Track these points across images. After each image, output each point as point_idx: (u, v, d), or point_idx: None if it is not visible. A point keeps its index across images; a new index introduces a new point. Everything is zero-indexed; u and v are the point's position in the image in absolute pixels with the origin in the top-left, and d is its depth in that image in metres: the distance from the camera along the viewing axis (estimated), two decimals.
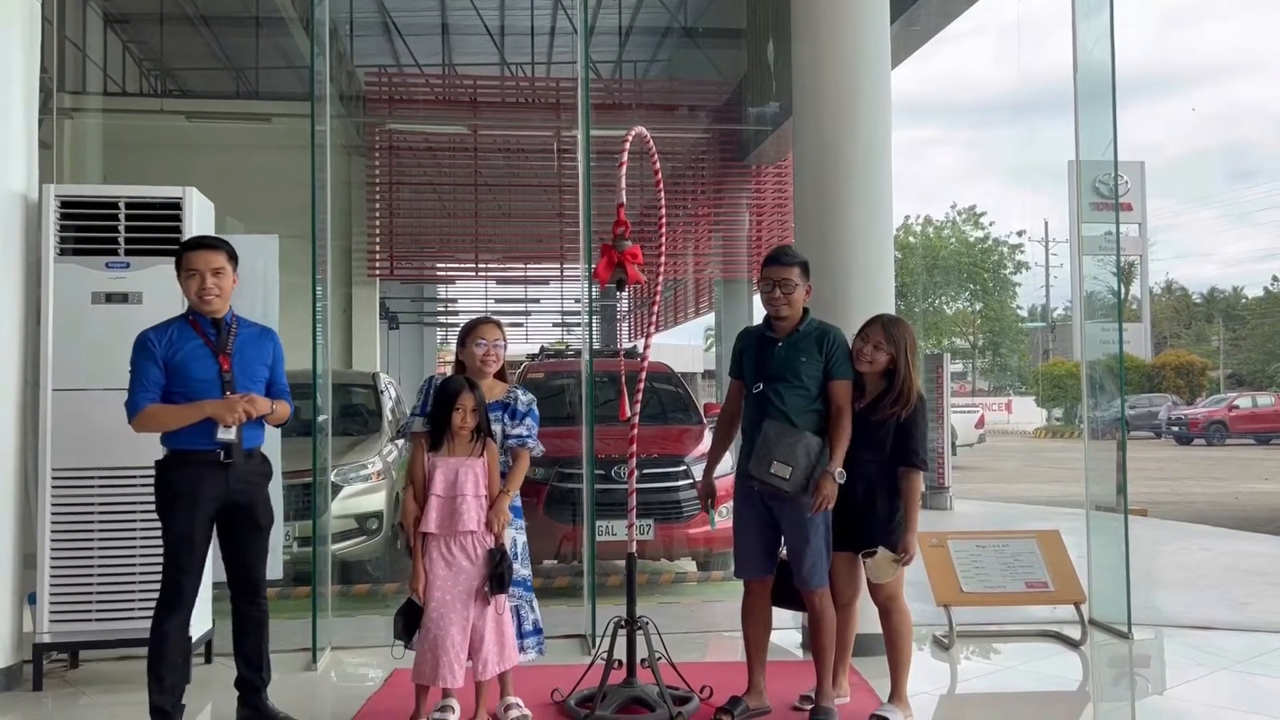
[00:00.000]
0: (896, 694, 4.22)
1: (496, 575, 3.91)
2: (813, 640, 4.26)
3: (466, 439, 3.98)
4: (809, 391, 4.15)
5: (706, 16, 15.86)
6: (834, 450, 4.10)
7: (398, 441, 7.62)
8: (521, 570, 4.17)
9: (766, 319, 4.34)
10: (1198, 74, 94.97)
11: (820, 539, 4.12)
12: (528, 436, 4.18)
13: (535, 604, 4.27)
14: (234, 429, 3.89)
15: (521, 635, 4.14)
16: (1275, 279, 51.92)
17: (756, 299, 4.62)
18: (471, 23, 15.85)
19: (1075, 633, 5.53)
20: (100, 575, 4.76)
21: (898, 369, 4.13)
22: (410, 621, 3.93)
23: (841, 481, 4.05)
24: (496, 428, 4.12)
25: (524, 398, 4.25)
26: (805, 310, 4.30)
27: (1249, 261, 70.99)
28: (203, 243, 4.04)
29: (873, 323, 4.24)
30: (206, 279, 3.92)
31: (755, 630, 4.33)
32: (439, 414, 3.97)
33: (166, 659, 3.90)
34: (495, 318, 4.39)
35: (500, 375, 4.29)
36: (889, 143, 5.45)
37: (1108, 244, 6.25)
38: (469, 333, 4.22)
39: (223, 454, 3.90)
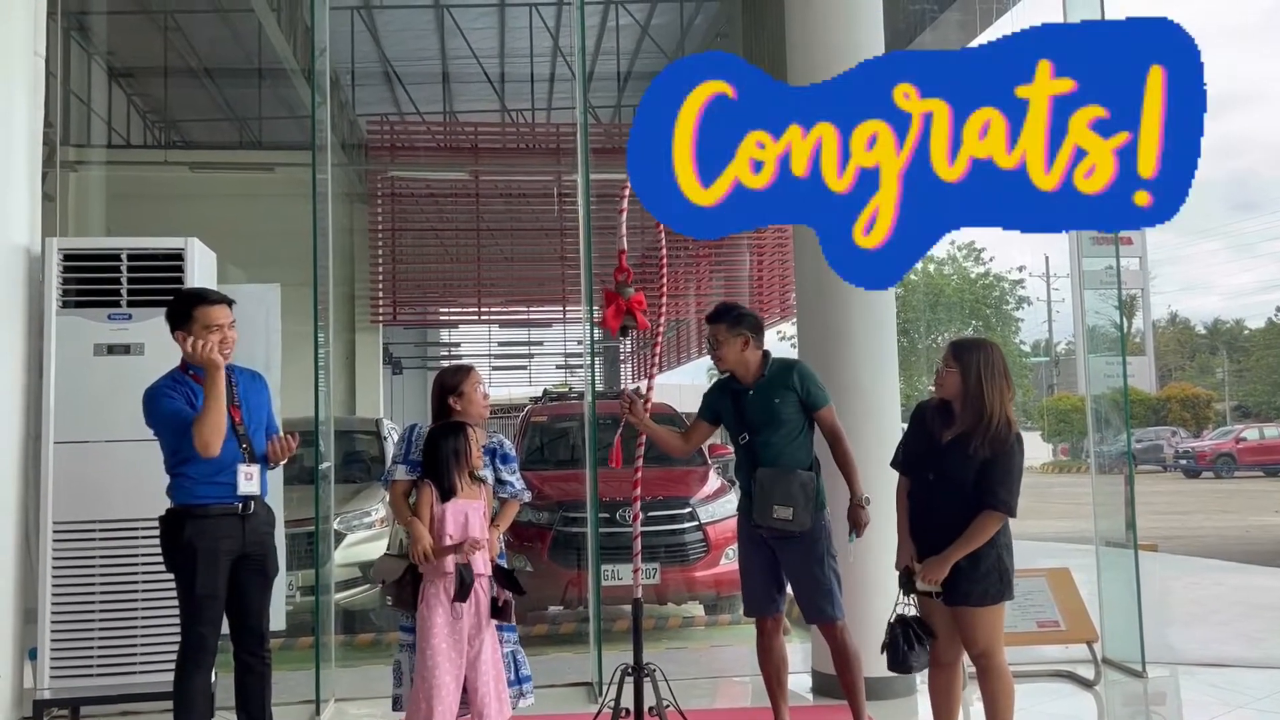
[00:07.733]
0: None
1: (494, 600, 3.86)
2: (840, 677, 4.22)
3: (470, 480, 3.94)
4: (790, 429, 4.17)
5: None
6: (850, 481, 4.12)
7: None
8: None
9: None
10: None
11: (826, 571, 4.12)
12: (522, 489, 4.17)
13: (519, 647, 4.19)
14: (255, 480, 3.89)
15: (520, 680, 4.06)
16: (1278, 310, 51.87)
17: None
18: (472, 70, 16.04)
19: (1089, 672, 5.45)
20: (102, 629, 4.69)
21: (967, 391, 3.68)
22: (414, 589, 3.81)
23: (868, 506, 4.08)
24: (487, 472, 4.06)
25: (507, 441, 4.27)
26: (766, 354, 4.30)
27: (1252, 293, 71.08)
28: (215, 298, 4.00)
29: (947, 345, 3.99)
30: (226, 333, 3.91)
31: (773, 667, 4.32)
32: (446, 457, 3.90)
33: (196, 716, 3.86)
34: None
35: None
36: None
37: (1109, 278, 6.25)
38: (465, 379, 4.09)
39: (241, 507, 3.88)
